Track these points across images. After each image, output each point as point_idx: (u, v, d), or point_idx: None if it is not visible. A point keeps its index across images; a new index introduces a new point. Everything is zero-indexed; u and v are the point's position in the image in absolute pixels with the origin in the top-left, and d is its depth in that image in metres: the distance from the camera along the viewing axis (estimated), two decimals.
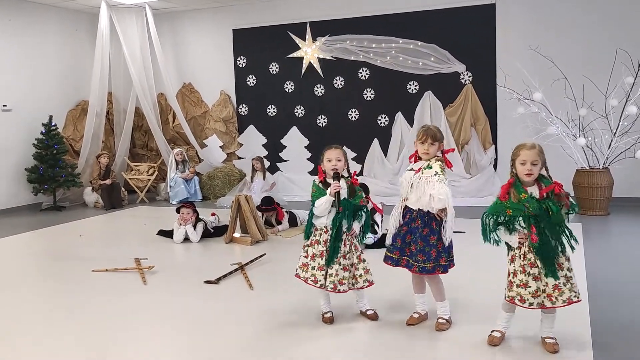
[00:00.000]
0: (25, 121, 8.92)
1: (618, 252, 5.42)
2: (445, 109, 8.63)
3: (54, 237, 6.95)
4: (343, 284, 3.58)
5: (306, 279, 3.65)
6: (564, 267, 3.10)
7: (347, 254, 3.61)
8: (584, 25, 7.76)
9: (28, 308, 4.26)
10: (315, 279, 3.61)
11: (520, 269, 3.13)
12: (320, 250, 3.61)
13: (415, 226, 3.47)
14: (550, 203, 3.06)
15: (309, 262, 3.65)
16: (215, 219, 6.86)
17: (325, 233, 3.61)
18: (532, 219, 3.06)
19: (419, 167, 3.51)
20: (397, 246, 3.54)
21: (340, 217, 3.54)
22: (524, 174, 3.09)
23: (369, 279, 3.68)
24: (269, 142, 9.87)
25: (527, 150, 3.10)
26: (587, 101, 7.44)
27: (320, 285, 3.61)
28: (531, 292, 3.10)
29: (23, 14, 8.92)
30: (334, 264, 3.56)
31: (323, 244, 3.61)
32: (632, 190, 7.65)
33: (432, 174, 3.41)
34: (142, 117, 10.32)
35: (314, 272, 3.62)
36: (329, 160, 3.59)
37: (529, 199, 3.06)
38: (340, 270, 3.57)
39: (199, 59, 10.22)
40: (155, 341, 3.56)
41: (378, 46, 8.87)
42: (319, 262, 3.61)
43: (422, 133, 3.50)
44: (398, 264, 3.54)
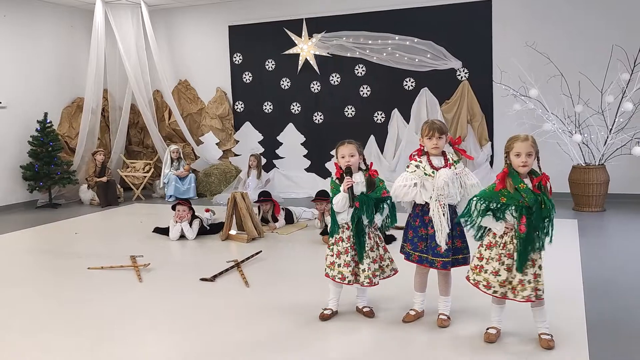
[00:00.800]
0: (20, 118, 8.88)
1: (614, 249, 5.43)
2: (442, 106, 8.63)
3: (50, 235, 6.93)
4: (376, 276, 3.60)
5: (334, 277, 3.63)
6: (536, 264, 3.13)
7: (373, 247, 3.62)
8: (580, 21, 7.77)
9: (23, 305, 4.25)
10: (343, 276, 3.60)
11: (496, 256, 3.17)
12: (345, 247, 3.59)
13: (430, 219, 3.44)
14: (545, 197, 3.08)
15: (335, 260, 3.63)
16: (210, 214, 6.85)
17: (348, 229, 3.59)
18: (525, 210, 3.08)
19: (444, 161, 3.48)
20: (409, 239, 3.54)
21: (358, 213, 3.52)
22: (519, 165, 3.10)
23: (394, 267, 3.71)
24: (265, 139, 9.85)
25: (521, 142, 3.11)
26: (583, 98, 7.45)
27: (348, 281, 3.60)
28: (499, 281, 3.15)
29: (18, 10, 8.87)
30: (364, 258, 3.56)
31: (346, 241, 3.59)
32: (628, 186, 7.67)
33: (462, 166, 3.52)
34: (137, 114, 10.29)
35: (341, 269, 3.60)
36: (342, 157, 3.58)
37: (526, 189, 3.08)
38: (371, 263, 3.58)
39: (194, 56, 10.19)
40: (150, 338, 3.56)
41: (374, 43, 8.86)
42: (345, 259, 3.59)
43: (428, 128, 3.47)
44: (409, 258, 3.56)
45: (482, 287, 3.20)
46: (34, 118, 8.85)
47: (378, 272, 3.62)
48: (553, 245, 3.16)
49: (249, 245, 5.90)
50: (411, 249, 3.53)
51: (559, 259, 4.83)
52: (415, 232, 3.52)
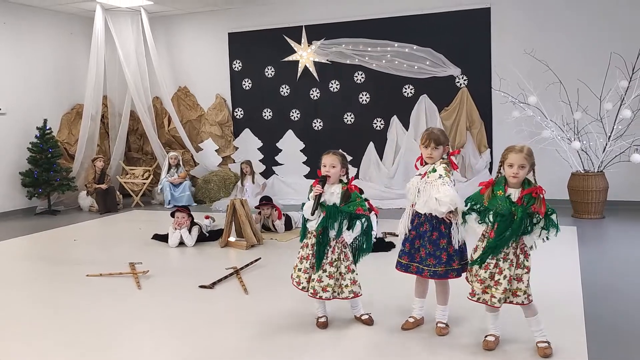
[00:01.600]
0: (20, 125, 8.89)
1: (613, 256, 5.42)
2: (441, 113, 8.64)
3: (49, 242, 6.92)
4: (326, 291, 3.54)
5: (293, 279, 3.68)
6: (502, 272, 3.12)
7: (334, 262, 3.57)
8: (579, 29, 7.79)
9: (21, 312, 4.23)
10: (299, 281, 3.63)
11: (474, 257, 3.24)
12: (307, 253, 3.62)
13: (424, 230, 3.45)
14: (520, 209, 3.05)
15: (297, 264, 3.68)
16: (209, 221, 6.85)
17: (314, 237, 3.59)
18: (499, 217, 3.10)
19: (424, 171, 3.48)
20: (406, 251, 3.53)
21: (323, 222, 3.51)
22: (510, 175, 3.12)
23: (355, 290, 3.61)
24: (264, 146, 9.86)
25: (515, 153, 3.13)
26: (582, 105, 7.46)
27: (302, 287, 3.62)
28: (482, 288, 3.18)
29: (17, 17, 8.89)
30: (319, 269, 3.54)
31: (310, 248, 3.61)
32: (627, 193, 7.67)
33: (437, 177, 3.40)
34: (137, 121, 10.30)
35: (299, 274, 3.64)
36: (324, 166, 3.59)
37: (502, 197, 3.10)
38: (325, 277, 3.55)
39: (194, 63, 10.21)
40: (149, 345, 3.54)
41: (373, 50, 8.88)
42: (305, 265, 3.62)
43: (425, 137, 3.47)
44: (408, 269, 3.53)
45: (469, 294, 3.24)
46: (34, 124, 8.85)
47: (331, 288, 3.55)
48: (552, 252, 3.17)
49: (248, 252, 5.89)
50: (409, 260, 3.52)
51: (558, 266, 4.84)
52: (412, 244, 3.52)
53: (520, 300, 3.15)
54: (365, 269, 3.79)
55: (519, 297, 3.14)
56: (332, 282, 3.55)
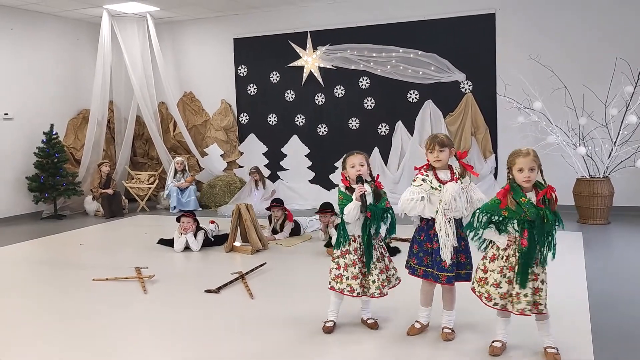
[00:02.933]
0: (26, 130, 8.94)
1: (618, 261, 5.41)
2: (446, 118, 8.65)
3: (55, 246, 6.94)
4: (385, 287, 3.61)
5: (342, 290, 3.60)
6: (538, 278, 3.12)
7: (379, 258, 3.62)
8: (584, 34, 7.79)
9: (28, 316, 4.25)
10: (352, 288, 3.57)
11: (498, 269, 3.18)
12: (353, 260, 3.57)
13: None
14: (547, 211, 3.07)
15: (342, 273, 3.60)
16: (215, 226, 6.86)
17: (354, 241, 3.59)
18: (527, 224, 3.08)
19: (451, 175, 3.46)
20: (414, 253, 3.52)
21: (370, 223, 3.52)
22: (522, 180, 3.11)
23: (398, 276, 3.71)
24: (269, 151, 9.88)
25: (523, 157, 3.12)
26: (587, 110, 7.46)
27: (357, 294, 3.57)
28: (500, 294, 3.16)
29: (24, 23, 8.96)
30: (373, 269, 3.57)
31: (354, 253, 3.58)
32: (633, 199, 7.65)
33: (468, 181, 3.49)
34: (143, 126, 10.34)
35: (349, 282, 3.58)
36: (352, 167, 3.57)
37: (528, 203, 3.08)
38: (379, 274, 3.58)
39: (200, 68, 10.26)
40: (155, 350, 3.55)
41: (378, 55, 8.90)
42: (352, 272, 3.57)
43: (429, 142, 3.48)
44: (414, 272, 3.54)
45: (484, 299, 3.21)
46: (40, 129, 8.91)
47: (386, 283, 3.62)
48: (558, 258, 3.16)
49: (253, 257, 5.90)
50: (416, 263, 3.52)
51: (564, 272, 4.82)
52: (420, 246, 3.50)
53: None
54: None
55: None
56: (384, 276, 3.61)
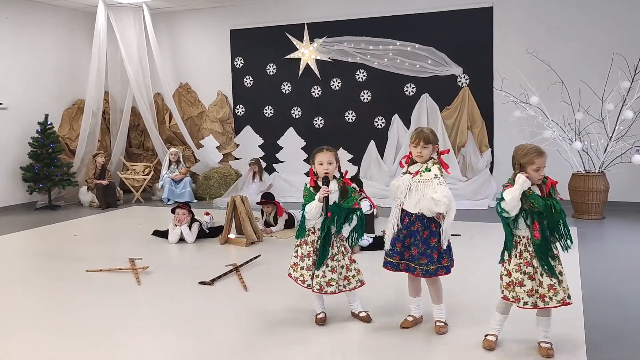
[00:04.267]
0: (21, 120, 8.89)
1: (613, 256, 5.43)
2: (442, 112, 8.64)
3: (49, 236, 6.92)
4: (331, 286, 3.57)
5: (296, 278, 3.68)
6: (557, 269, 3.12)
7: (335, 256, 3.59)
8: (581, 29, 7.78)
9: (21, 307, 4.24)
10: (304, 279, 3.62)
11: (515, 267, 3.14)
12: (308, 251, 3.62)
13: (415, 229, 3.44)
14: (554, 201, 3.09)
15: (298, 262, 3.67)
16: (209, 218, 6.85)
17: (313, 234, 3.60)
18: (536, 216, 3.07)
19: (416, 170, 3.47)
20: (397, 250, 3.50)
21: (328, 223, 3.52)
22: (537, 178, 3.10)
23: (361, 279, 3.68)
24: (265, 143, 9.86)
25: (540, 157, 3.09)
26: (584, 105, 7.46)
27: (307, 285, 3.61)
28: (526, 291, 3.11)
29: (19, 12, 8.89)
30: (321, 265, 3.56)
31: (310, 245, 3.61)
32: (628, 194, 7.67)
33: (432, 176, 3.38)
34: (138, 117, 10.29)
35: (302, 272, 3.63)
36: (320, 164, 3.56)
37: (534, 195, 3.08)
38: (328, 272, 3.57)
39: (196, 59, 10.21)
40: (148, 341, 3.55)
41: (375, 48, 8.87)
42: (307, 263, 3.61)
43: (415, 136, 3.47)
44: (398, 268, 3.52)
45: (512, 299, 3.14)
46: (35, 119, 8.85)
47: (334, 282, 3.57)
48: None
49: (247, 249, 5.89)
50: (399, 259, 3.50)
51: None
52: (402, 243, 3.50)
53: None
54: (363, 267, 3.78)
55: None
56: (335, 276, 3.58)
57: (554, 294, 3.07)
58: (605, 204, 7.25)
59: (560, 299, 3.07)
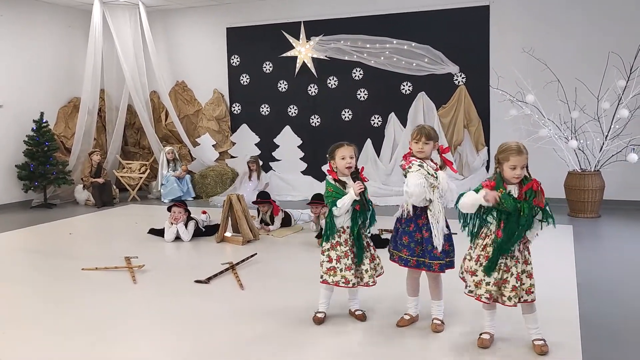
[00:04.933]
0: (16, 117, 8.85)
1: (608, 255, 5.44)
2: (439, 110, 8.64)
3: (44, 235, 6.90)
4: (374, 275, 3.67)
5: (336, 282, 3.59)
6: (511, 270, 3.12)
7: (366, 248, 3.65)
8: (577, 28, 7.79)
9: (17, 306, 4.23)
10: (347, 280, 3.57)
11: (475, 257, 3.20)
12: (344, 251, 3.58)
13: (424, 222, 3.43)
14: (525, 205, 3.06)
15: (335, 266, 3.59)
16: (206, 217, 6.84)
17: (344, 233, 3.59)
18: (503, 215, 3.08)
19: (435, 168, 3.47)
20: (405, 244, 3.50)
21: (359, 216, 3.55)
22: (512, 177, 3.09)
23: (382, 264, 3.74)
24: (261, 142, 9.84)
25: (517, 155, 3.07)
26: (580, 104, 7.47)
27: (352, 284, 3.59)
28: (475, 282, 3.17)
29: (15, 10, 8.85)
30: (364, 259, 3.60)
31: (344, 244, 3.58)
32: (623, 193, 7.69)
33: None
34: (134, 115, 10.27)
35: (344, 273, 3.57)
36: (342, 158, 3.55)
37: (505, 195, 3.07)
38: (369, 263, 3.63)
39: (192, 57, 10.18)
40: (144, 340, 3.54)
41: (372, 46, 8.87)
42: (346, 263, 3.57)
43: (417, 132, 3.48)
44: (407, 263, 3.52)
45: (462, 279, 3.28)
46: (30, 117, 8.82)
47: (373, 272, 3.66)
48: (548, 251, 3.16)
49: (244, 248, 5.89)
50: (409, 254, 3.49)
51: (554, 265, 4.84)
52: (411, 237, 3.48)
53: (532, 298, 3.15)
54: None
55: (532, 293, 3.15)
56: (372, 265, 3.66)
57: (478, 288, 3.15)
58: (601, 202, 7.27)
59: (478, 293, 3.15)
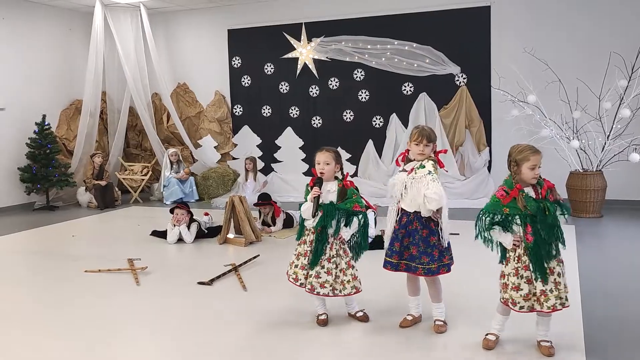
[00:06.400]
0: (19, 120, 8.87)
1: (611, 255, 5.44)
2: (440, 111, 8.64)
3: (47, 237, 6.91)
4: (324, 287, 3.54)
5: (289, 275, 3.68)
6: (554, 272, 3.09)
7: (332, 258, 3.56)
8: (579, 28, 7.79)
9: (20, 308, 4.23)
10: (297, 277, 3.63)
11: (513, 271, 3.13)
12: (305, 250, 3.62)
13: (414, 228, 3.44)
14: (548, 203, 3.07)
15: (294, 260, 3.68)
16: (209, 219, 6.84)
17: (313, 234, 3.60)
18: (529, 218, 3.06)
19: (411, 167, 3.47)
20: (396, 250, 3.49)
21: (321, 221, 3.51)
22: (531, 177, 3.09)
23: (357, 285, 3.62)
24: (263, 143, 9.85)
25: (536, 154, 3.09)
26: (581, 104, 7.47)
27: (300, 284, 3.62)
28: (522, 295, 3.10)
29: (16, 12, 8.87)
30: (316, 265, 3.55)
31: (308, 244, 3.61)
32: (625, 193, 7.68)
33: (425, 172, 3.37)
34: (136, 117, 10.28)
35: (296, 270, 3.64)
36: (318, 164, 3.58)
37: (527, 197, 3.07)
38: (323, 273, 3.54)
39: (193, 59, 10.20)
40: (147, 342, 3.55)
41: (373, 47, 8.87)
42: (302, 262, 3.62)
43: (417, 134, 3.45)
44: (397, 268, 3.50)
45: (510, 304, 3.14)
46: (32, 120, 8.83)
47: (329, 284, 3.54)
48: None
49: (246, 249, 5.89)
50: (399, 259, 3.49)
51: None
52: (401, 243, 3.48)
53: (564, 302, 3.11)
54: (362, 266, 3.78)
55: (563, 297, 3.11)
56: (330, 278, 3.54)
57: (545, 300, 3.06)
58: (603, 202, 7.26)
59: (550, 305, 3.06)
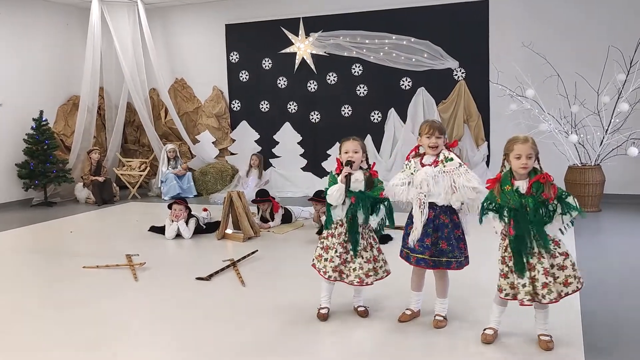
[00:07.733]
0: (16, 116, 8.84)
1: (609, 249, 5.44)
2: (438, 106, 8.63)
3: (45, 233, 6.90)
4: (369, 276, 3.57)
5: (319, 269, 3.64)
6: (536, 268, 3.05)
7: (367, 247, 3.60)
8: (577, 22, 7.78)
9: (18, 304, 4.22)
10: (325, 270, 3.60)
11: (500, 259, 3.17)
12: (334, 243, 3.59)
13: (442, 222, 3.40)
14: (530, 199, 3.02)
15: (322, 254, 3.64)
16: (207, 214, 6.84)
17: (341, 226, 3.58)
18: (512, 212, 3.06)
19: (433, 160, 3.42)
20: (427, 246, 3.41)
21: (353, 208, 3.50)
22: (519, 167, 3.07)
23: (387, 269, 3.68)
24: (261, 138, 9.84)
25: (521, 144, 3.08)
26: (580, 98, 7.46)
27: (328, 277, 3.59)
28: (508, 283, 3.13)
29: (13, 8, 8.83)
30: (357, 257, 3.55)
31: (337, 237, 3.58)
32: (624, 187, 7.69)
33: (457, 165, 3.36)
34: (133, 113, 10.26)
35: (325, 264, 3.60)
36: (346, 152, 3.55)
37: (511, 192, 3.06)
38: (365, 263, 3.56)
39: (191, 54, 10.17)
40: (146, 338, 3.54)
41: (371, 42, 8.85)
42: (331, 255, 3.59)
43: (429, 127, 3.43)
44: (428, 264, 3.45)
45: (498, 291, 3.18)
46: (30, 116, 8.80)
47: (372, 273, 3.58)
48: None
49: (245, 245, 5.89)
50: (430, 255, 3.45)
51: None
52: (431, 238, 3.42)
53: (575, 287, 3.08)
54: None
55: (572, 284, 3.08)
56: (370, 266, 3.57)
57: (516, 292, 3.08)
58: (602, 196, 7.27)
59: (520, 298, 3.07)
